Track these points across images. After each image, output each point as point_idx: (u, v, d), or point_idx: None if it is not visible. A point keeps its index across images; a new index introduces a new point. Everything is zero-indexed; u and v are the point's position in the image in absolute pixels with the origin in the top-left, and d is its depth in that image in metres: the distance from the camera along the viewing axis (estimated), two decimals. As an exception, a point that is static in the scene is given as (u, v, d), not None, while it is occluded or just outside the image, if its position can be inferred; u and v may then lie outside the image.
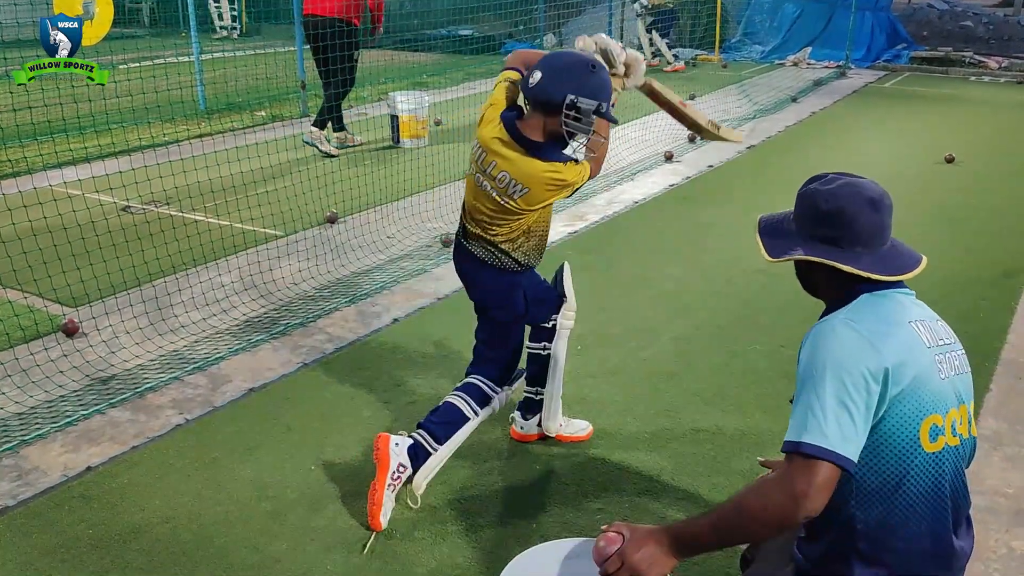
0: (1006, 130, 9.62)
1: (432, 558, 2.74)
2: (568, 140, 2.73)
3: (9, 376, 3.77)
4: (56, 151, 7.05)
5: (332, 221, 5.95)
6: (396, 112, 8.16)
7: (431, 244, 5.61)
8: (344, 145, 8.10)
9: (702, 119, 3.35)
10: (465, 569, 2.69)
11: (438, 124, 8.91)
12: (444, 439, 2.94)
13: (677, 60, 13.66)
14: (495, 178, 2.75)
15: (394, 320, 4.50)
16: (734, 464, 3.23)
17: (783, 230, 1.95)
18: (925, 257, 1.90)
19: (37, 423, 3.48)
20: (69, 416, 3.52)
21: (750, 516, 1.68)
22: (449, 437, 2.95)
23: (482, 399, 3.02)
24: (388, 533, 2.83)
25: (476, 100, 9.38)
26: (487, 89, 3.59)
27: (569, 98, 2.61)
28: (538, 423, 3.32)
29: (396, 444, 2.87)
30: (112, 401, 3.65)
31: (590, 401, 3.68)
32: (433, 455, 2.92)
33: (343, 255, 5.33)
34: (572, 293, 3.21)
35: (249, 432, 3.46)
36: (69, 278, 4.41)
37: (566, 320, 3.20)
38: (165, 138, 7.92)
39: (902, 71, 13.95)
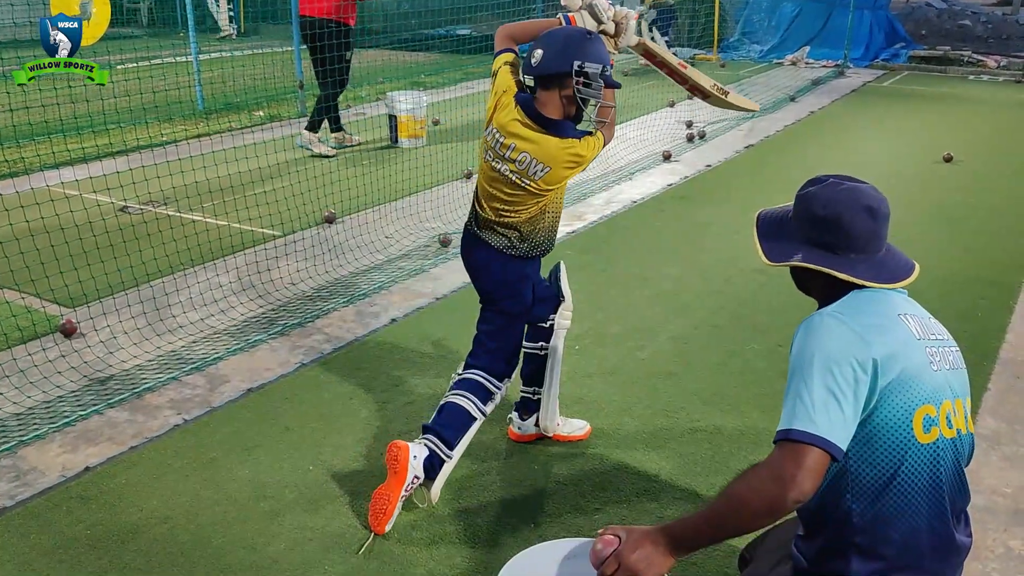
0: (1005, 129, 9.63)
1: (430, 558, 2.74)
2: (583, 108, 2.80)
3: (7, 377, 3.76)
4: (54, 151, 7.05)
5: (330, 221, 5.94)
6: (394, 112, 8.15)
7: (429, 244, 5.61)
8: (342, 145, 8.10)
9: (706, 82, 3.30)
10: (463, 570, 2.69)
11: (436, 124, 8.90)
12: (455, 443, 2.93)
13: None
14: (514, 160, 2.80)
15: (392, 320, 4.50)
16: (732, 464, 3.23)
17: (781, 231, 1.96)
18: (918, 265, 1.92)
19: (35, 423, 3.48)
20: (67, 416, 3.52)
21: (741, 503, 1.68)
22: (459, 440, 2.95)
23: (486, 396, 3.01)
24: (386, 534, 2.83)
25: (474, 100, 9.39)
26: (485, 89, 3.59)
27: (576, 64, 2.71)
28: (535, 423, 3.32)
29: (415, 457, 2.84)
30: (110, 401, 3.65)
31: (588, 401, 3.68)
32: (447, 462, 2.92)
33: (341, 255, 5.33)
34: (569, 293, 3.22)
35: (247, 432, 3.45)
36: (67, 278, 4.40)
37: (563, 320, 3.20)
38: (163, 138, 7.91)
39: (900, 70, 13.95)
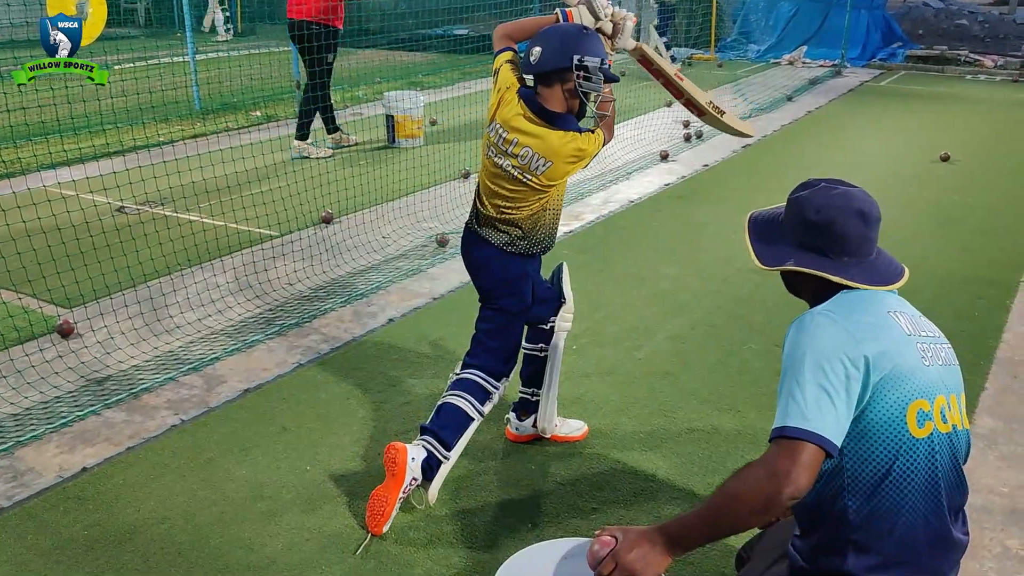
0: (1002, 129, 9.63)
1: (427, 558, 2.74)
2: (585, 102, 2.83)
3: (4, 377, 3.76)
4: (51, 151, 7.03)
5: (327, 221, 5.94)
6: (392, 112, 8.15)
7: (426, 244, 5.60)
8: (340, 145, 8.10)
9: (701, 97, 3.24)
10: (460, 570, 2.69)
11: (434, 124, 8.90)
12: (453, 445, 2.93)
13: (675, 62, 13.67)
14: (517, 156, 2.82)
15: (389, 320, 4.50)
16: (729, 463, 3.22)
17: (773, 234, 1.98)
18: (907, 270, 1.93)
19: (32, 424, 3.48)
20: (64, 417, 3.52)
21: (737, 500, 1.68)
22: (457, 441, 2.95)
23: (484, 397, 3.01)
24: (383, 534, 2.83)
25: (471, 100, 9.37)
26: (483, 89, 3.58)
27: (575, 58, 2.75)
28: (533, 424, 3.32)
29: (413, 459, 2.84)
30: (107, 402, 3.64)
31: (585, 401, 3.68)
32: (445, 463, 2.92)
33: (338, 255, 5.32)
34: (571, 295, 3.21)
35: (244, 433, 3.45)
36: (64, 279, 4.39)
37: (564, 322, 3.19)
38: (160, 138, 7.91)
39: (897, 70, 13.97)
